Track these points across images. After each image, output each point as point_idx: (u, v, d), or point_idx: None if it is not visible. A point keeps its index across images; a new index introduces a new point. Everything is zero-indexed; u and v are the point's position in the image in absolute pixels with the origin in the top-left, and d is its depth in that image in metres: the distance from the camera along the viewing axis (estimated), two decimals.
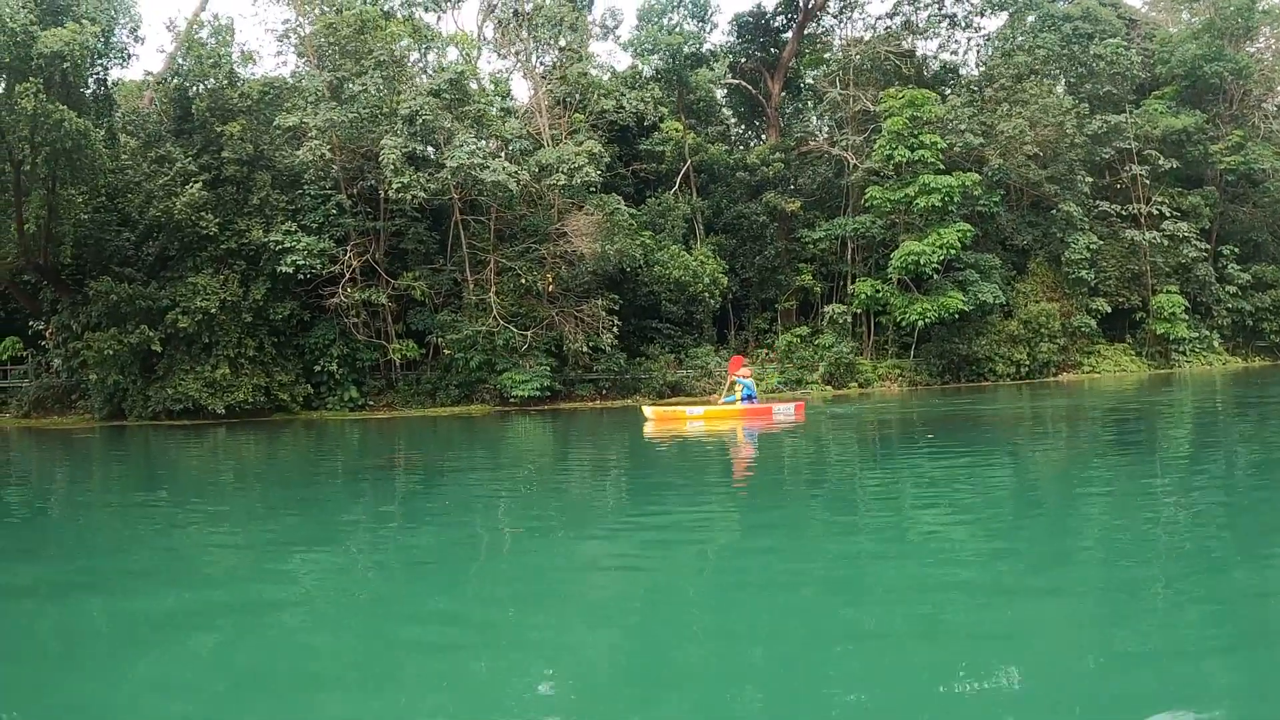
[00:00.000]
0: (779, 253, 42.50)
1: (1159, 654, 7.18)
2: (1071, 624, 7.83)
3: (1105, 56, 47.00)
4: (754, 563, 10.23)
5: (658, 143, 42.17)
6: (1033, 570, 9.68)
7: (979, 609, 8.33)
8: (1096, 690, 6.53)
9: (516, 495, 16.65)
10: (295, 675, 7.31)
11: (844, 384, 40.15)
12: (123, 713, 6.74)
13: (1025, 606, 8.34)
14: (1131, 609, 8.28)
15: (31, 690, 7.18)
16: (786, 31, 47.45)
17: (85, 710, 6.75)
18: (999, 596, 8.71)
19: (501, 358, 35.47)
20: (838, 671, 6.93)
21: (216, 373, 33.99)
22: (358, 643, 8.14)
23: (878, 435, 25.43)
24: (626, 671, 7.22)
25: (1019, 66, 44.94)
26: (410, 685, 6.98)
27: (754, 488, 16.50)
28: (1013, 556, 10.30)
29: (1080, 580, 9.25)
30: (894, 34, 47.18)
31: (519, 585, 9.95)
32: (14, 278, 37.47)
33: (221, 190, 35.30)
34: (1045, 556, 10.22)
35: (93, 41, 32.18)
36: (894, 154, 40.22)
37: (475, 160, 33.50)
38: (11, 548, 13.10)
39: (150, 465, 24.36)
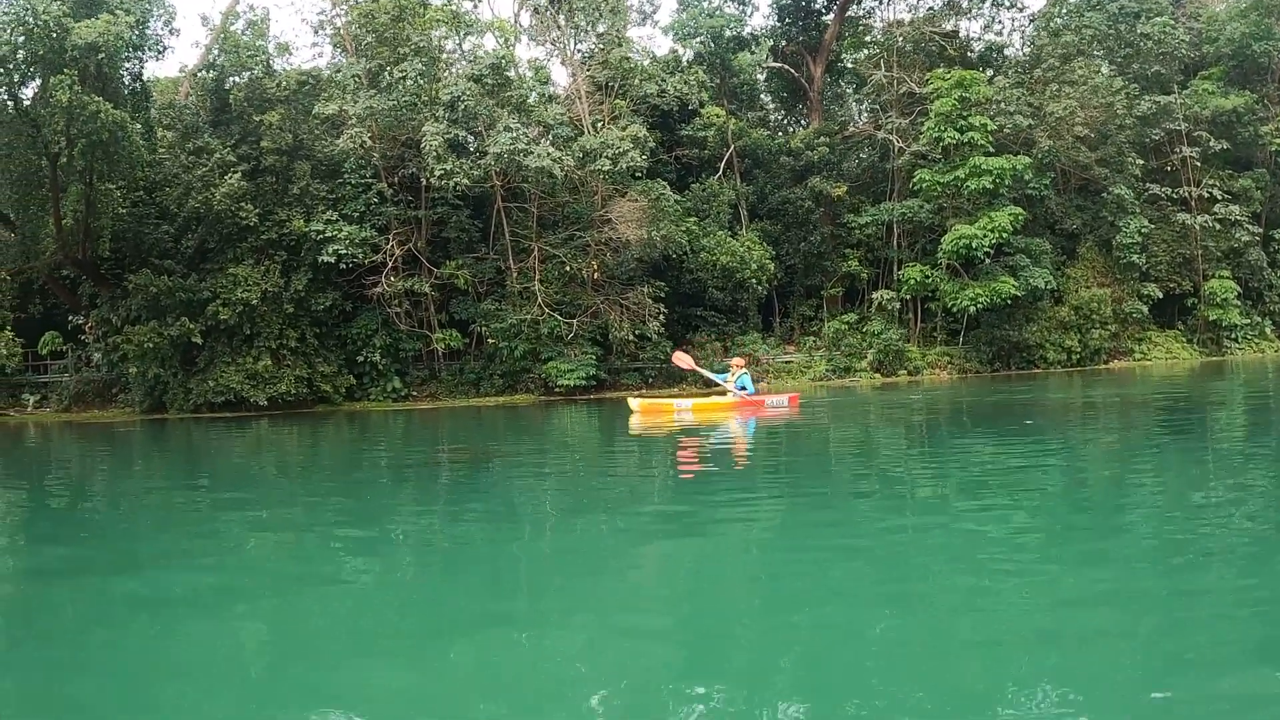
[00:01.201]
0: (824, 238, 41.32)
1: (1210, 660, 6.54)
2: (1121, 624, 7.29)
3: (1152, 35, 45.56)
4: (797, 559, 9.70)
5: (699, 128, 41.08)
6: (1082, 565, 9.01)
7: (1028, 604, 7.87)
8: (1141, 692, 6.07)
9: (563, 483, 16.01)
10: (337, 659, 7.16)
11: (893, 372, 39.07)
12: (161, 697, 6.59)
13: (1074, 602, 7.83)
14: (1181, 607, 7.64)
15: (70, 673, 7.00)
16: (828, 14, 46.27)
17: (122, 694, 6.62)
18: (1049, 591, 8.21)
19: (546, 346, 34.62)
20: (880, 670, 6.63)
21: (258, 364, 33.37)
22: (400, 627, 8.00)
23: (924, 421, 24.41)
24: (670, 656, 7.05)
25: (1066, 46, 43.67)
26: (452, 670, 6.89)
27: (797, 480, 15.55)
28: (1063, 551, 9.66)
29: (1130, 577, 8.57)
30: (937, 14, 45.97)
31: (563, 570, 9.72)
32: (52, 272, 37.22)
33: (261, 180, 34.65)
34: (1095, 552, 9.53)
35: (127, 33, 31.55)
36: (943, 136, 39.02)
37: (518, 146, 32.71)
38: (52, 535, 12.75)
39: (192, 457, 23.78)
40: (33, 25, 30.23)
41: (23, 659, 7.57)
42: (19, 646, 7.98)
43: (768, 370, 38.51)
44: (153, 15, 34.08)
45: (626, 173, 34.99)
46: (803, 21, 46.19)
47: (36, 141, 33.62)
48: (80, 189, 33.58)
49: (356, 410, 34.41)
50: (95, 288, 36.34)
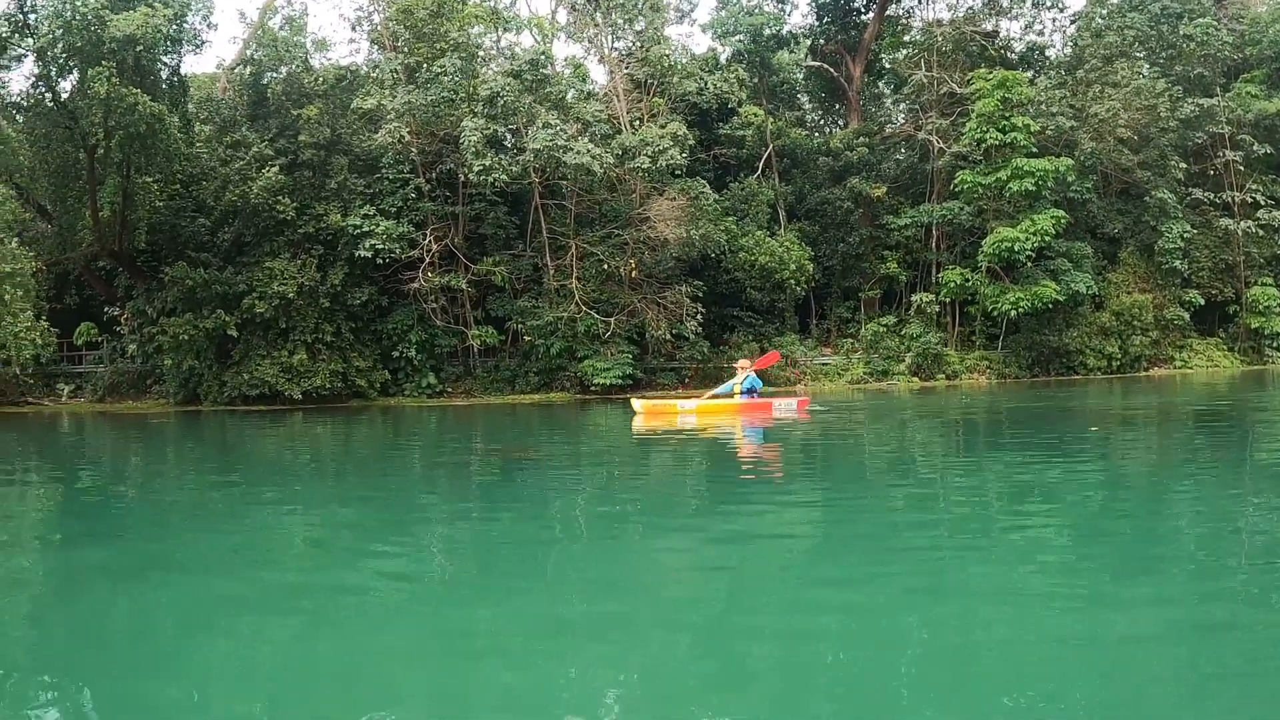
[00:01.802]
0: (863, 240, 40.70)
1: (1245, 675, 6.36)
2: (1154, 639, 7.16)
3: (1195, 37, 44.69)
4: (832, 560, 9.74)
5: (737, 127, 40.54)
6: (1117, 579, 8.78)
7: (1060, 618, 7.60)
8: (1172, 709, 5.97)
9: (597, 485, 15.57)
10: (367, 659, 7.03)
11: (931, 375, 38.45)
12: (194, 694, 6.49)
13: (1108, 617, 7.60)
14: (1218, 624, 7.37)
15: (103, 671, 6.90)
16: (867, 12, 45.65)
17: (156, 693, 6.47)
18: (1082, 606, 7.96)
19: (582, 345, 34.20)
20: (912, 679, 6.50)
21: (294, 358, 33.10)
22: (431, 630, 7.83)
23: (963, 427, 23.82)
24: (698, 667, 6.89)
25: (1109, 47, 42.88)
26: (482, 676, 6.75)
27: (832, 481, 15.19)
28: (1098, 564, 9.40)
29: (1165, 592, 8.32)
30: (977, 14, 45.24)
31: (595, 576, 9.47)
32: (89, 264, 37.19)
33: (298, 174, 34.41)
34: (1130, 566, 9.21)
35: (165, 26, 31.42)
36: (985, 137, 38.37)
37: (558, 142, 32.32)
38: (85, 529, 12.42)
39: (226, 450, 23.49)
40: (71, 17, 30.17)
41: (51, 651, 7.51)
42: (48, 640, 7.87)
43: (805, 372, 37.96)
44: (191, 9, 33.91)
45: (666, 171, 34.57)
46: (842, 20, 45.56)
47: (74, 134, 33.68)
48: (117, 181, 33.46)
49: (391, 405, 34.12)
50: (131, 279, 36.31)
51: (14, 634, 8.01)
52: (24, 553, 11.20)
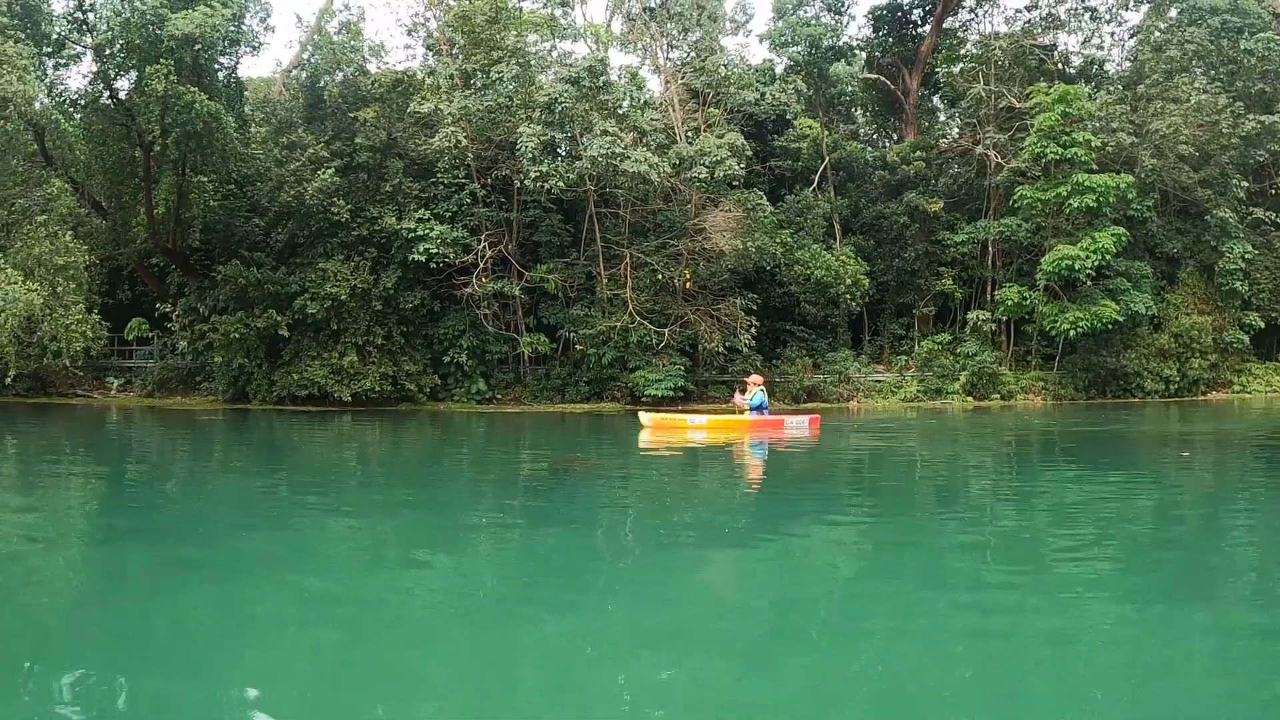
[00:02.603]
0: (918, 255, 39.82)
1: None
2: (1207, 668, 7.02)
3: (1256, 52, 43.36)
4: (879, 579, 9.61)
5: (793, 139, 39.76)
6: (1171, 606, 8.61)
7: (1112, 646, 7.47)
8: None
9: (646, 499, 15.29)
10: (404, 669, 7.00)
11: (985, 395, 37.47)
12: (230, 696, 6.48)
13: (1159, 645, 7.52)
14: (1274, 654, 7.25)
15: (140, 667, 6.93)
16: (924, 25, 44.75)
17: (191, 691, 6.49)
18: (1134, 633, 7.80)
19: (634, 355, 33.59)
20: (956, 703, 6.38)
21: (344, 360, 32.78)
22: (471, 641, 7.76)
23: (1013, 446, 23.01)
24: (744, 685, 6.78)
25: (1170, 62, 41.71)
26: (520, 693, 6.65)
27: (880, 501, 14.95)
28: (1149, 592, 9.20)
29: (1218, 621, 8.08)
30: (1035, 28, 44.20)
31: (640, 591, 9.31)
32: (142, 260, 37.10)
33: (353, 177, 34.19)
34: (1183, 593, 9.09)
35: (223, 25, 31.22)
36: (1045, 152, 37.39)
37: (615, 150, 31.71)
38: (130, 524, 12.42)
39: (274, 449, 23.36)
40: (130, 16, 30.14)
41: (90, 646, 7.51)
42: (88, 635, 7.84)
43: (858, 389, 37.10)
44: (249, 10, 33.72)
45: (723, 181, 33.87)
46: (899, 33, 44.68)
47: (131, 131, 33.68)
48: (173, 179, 33.40)
49: (440, 410, 33.71)
50: (184, 277, 36.22)
51: (55, 626, 7.99)
52: (69, 547, 11.08)
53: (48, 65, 33.35)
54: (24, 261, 29.07)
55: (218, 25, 30.79)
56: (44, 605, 8.71)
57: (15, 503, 14.48)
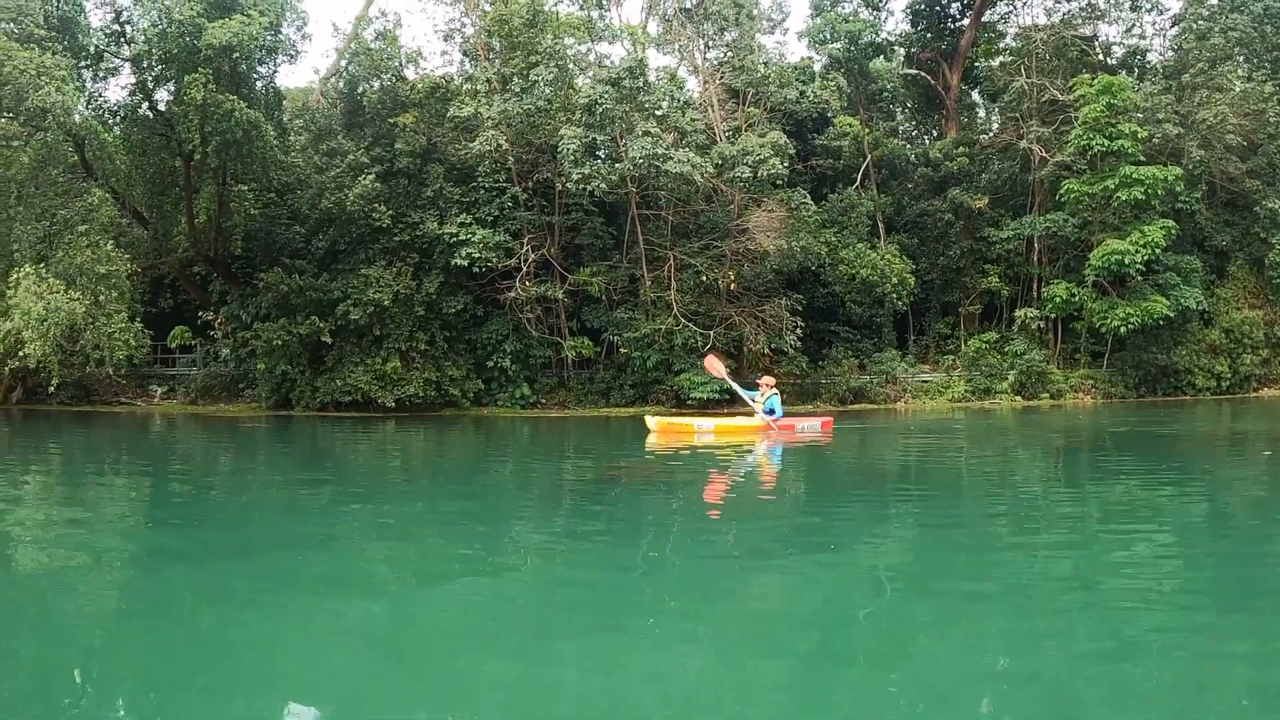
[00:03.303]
0: (963, 253, 38.83)
1: None
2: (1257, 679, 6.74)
3: None
4: (925, 586, 9.33)
5: (833, 137, 38.81)
6: (1221, 613, 8.36)
7: (1163, 655, 7.25)
8: None
9: (688, 499, 15.09)
10: (447, 680, 6.91)
11: (1034, 395, 36.45)
12: (271, 708, 6.44)
13: (1211, 654, 7.25)
14: None
15: (181, 677, 6.88)
16: (963, 18, 43.67)
17: (231, 701, 6.45)
18: (1185, 641, 7.59)
19: (679, 358, 32.90)
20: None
21: (387, 366, 32.36)
22: (507, 638, 7.73)
23: (1071, 447, 22.05)
24: (780, 692, 6.66)
25: (1214, 50, 40.42)
26: (556, 682, 6.66)
27: (927, 503, 14.54)
28: (1200, 599, 8.89)
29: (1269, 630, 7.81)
30: (1075, 18, 42.98)
31: (683, 598, 9.10)
32: (184, 268, 36.97)
33: (394, 182, 33.82)
34: (1234, 600, 8.75)
35: (261, 34, 30.93)
36: (1090, 144, 36.31)
37: (658, 151, 31.01)
38: (174, 531, 12.34)
39: (317, 456, 22.98)
40: (167, 26, 29.98)
41: (133, 654, 7.49)
42: (131, 643, 7.81)
43: (905, 390, 36.16)
44: (285, 19, 33.43)
45: (766, 181, 33.08)
46: (937, 27, 43.61)
47: (170, 141, 33.62)
48: (213, 188, 33.18)
49: (483, 415, 33.24)
50: (226, 285, 36.03)
51: (97, 635, 7.95)
52: (111, 556, 10.98)
53: (86, 77, 33.17)
54: (66, 271, 29.00)
55: (255, 34, 30.51)
56: (86, 613, 8.61)
57: (59, 509, 14.34)
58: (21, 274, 28.11)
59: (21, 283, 27.84)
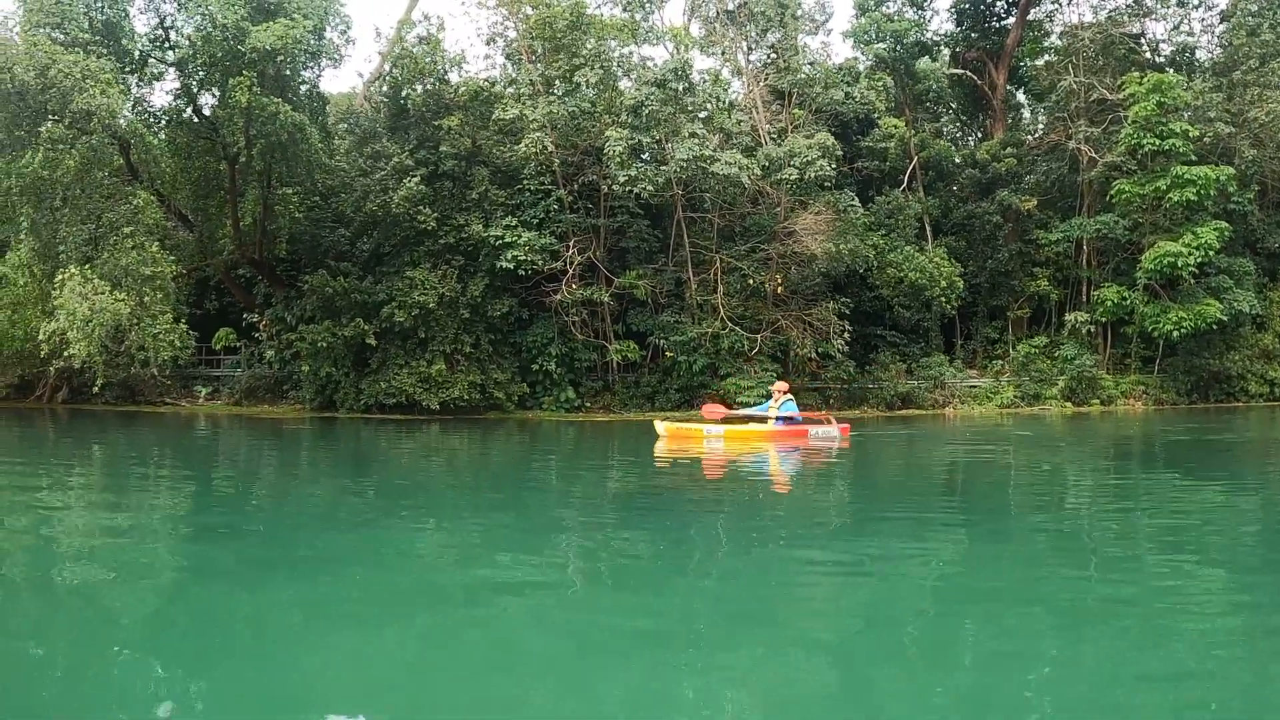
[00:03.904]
0: (1011, 256, 37.69)
1: None
2: None
3: None
4: (971, 595, 9.02)
5: (879, 139, 37.68)
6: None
7: (1215, 673, 6.88)
8: None
9: (737, 503, 14.74)
10: (486, 677, 6.79)
11: (1084, 401, 35.34)
12: (312, 697, 6.42)
13: (1271, 676, 6.87)
14: None
15: (223, 667, 6.91)
16: (1008, 17, 42.49)
17: (273, 692, 6.45)
18: (1239, 659, 7.21)
19: (725, 362, 32.12)
20: None
21: (432, 368, 31.76)
22: (552, 643, 7.59)
23: (1117, 453, 20.98)
24: (827, 696, 6.56)
25: (1264, 46, 39.06)
26: (601, 701, 6.43)
27: (971, 510, 14.13)
28: (1256, 616, 8.34)
29: None
30: (1122, 16, 41.70)
31: (730, 598, 9.01)
32: (229, 271, 36.60)
33: (439, 185, 33.18)
34: None
35: (304, 37, 30.42)
36: (1142, 143, 35.16)
37: (704, 153, 30.17)
38: (216, 532, 12.12)
39: (361, 458, 22.51)
40: (211, 30, 29.57)
41: (175, 644, 7.45)
42: (173, 633, 7.79)
43: (953, 395, 35.08)
44: (329, 23, 32.84)
45: (814, 182, 32.17)
46: (982, 26, 42.49)
47: (215, 145, 33.30)
48: (258, 192, 32.88)
49: (528, 418, 32.62)
50: (270, 287, 35.67)
51: (139, 626, 7.89)
52: (155, 552, 10.93)
53: (131, 82, 32.75)
54: (111, 272, 28.73)
55: (299, 38, 30.06)
56: (130, 614, 8.44)
57: (104, 508, 14.09)
58: (67, 275, 27.90)
59: (67, 284, 27.65)
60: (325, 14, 32.18)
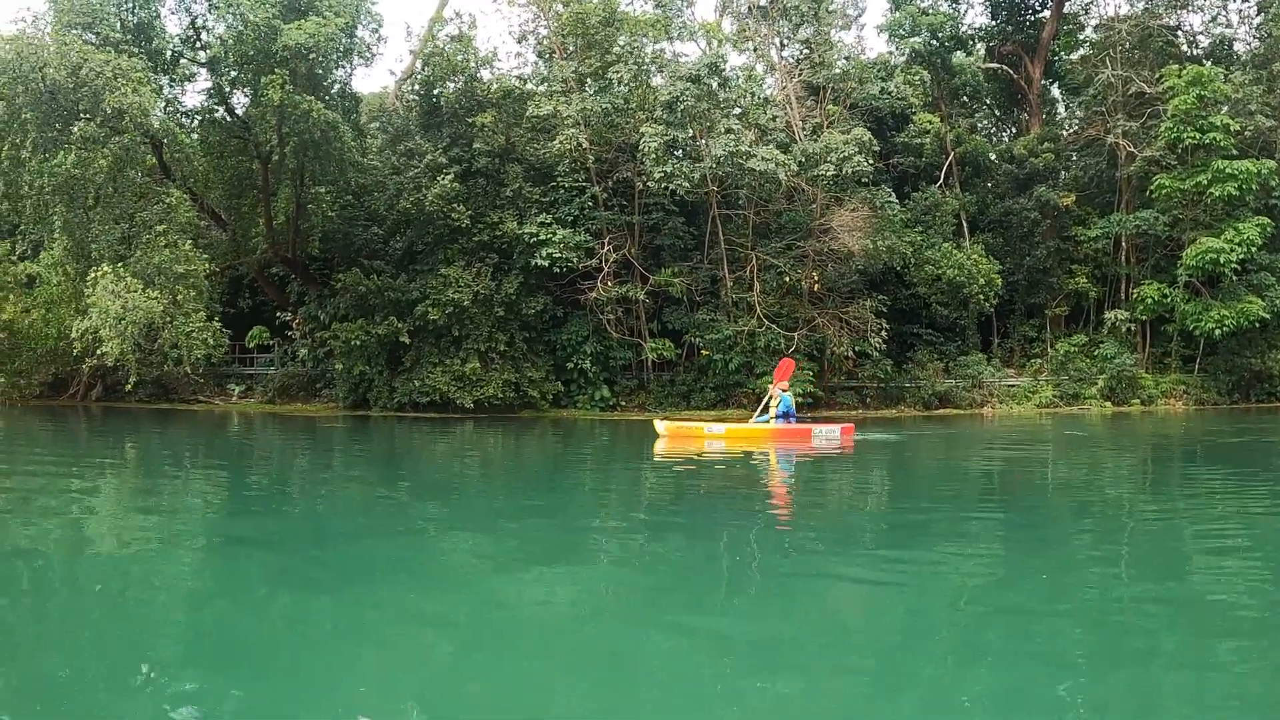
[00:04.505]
0: (1049, 253, 36.51)
1: None
2: None
3: None
4: (1008, 598, 8.71)
5: (914, 134, 36.55)
6: None
7: (1248, 681, 6.54)
8: None
9: (773, 505, 14.27)
10: (520, 681, 6.47)
11: (1124, 400, 34.22)
12: (342, 700, 6.09)
13: None
14: None
15: (254, 670, 6.66)
16: (1044, 10, 41.30)
17: (303, 694, 6.21)
18: None
19: (761, 360, 31.23)
20: None
21: (466, 367, 31.12)
22: (589, 655, 7.27)
23: (1162, 456, 19.96)
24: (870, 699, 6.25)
25: None
26: (636, 709, 6.16)
27: (1015, 511, 13.55)
28: None
29: None
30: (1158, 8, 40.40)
31: (766, 599, 8.72)
32: (263, 270, 36.17)
33: (472, 182, 32.55)
34: None
35: (336, 35, 29.88)
36: (1182, 137, 33.99)
37: (740, 149, 29.26)
38: (248, 529, 11.76)
39: (395, 456, 21.96)
40: (243, 28, 29.12)
41: (207, 646, 7.21)
42: (204, 636, 7.52)
43: (991, 395, 34.02)
44: (360, 22, 32.20)
45: (851, 178, 31.21)
46: (1017, 20, 41.29)
47: (248, 144, 32.86)
48: (291, 190, 32.36)
49: (562, 417, 31.93)
50: (304, 285, 35.24)
51: (170, 627, 7.67)
52: (187, 550, 10.70)
53: (163, 83, 32.25)
54: (144, 270, 28.27)
55: (330, 35, 29.55)
56: (165, 603, 8.37)
57: (137, 505, 13.76)
58: (100, 273, 27.48)
59: (100, 282, 27.24)
60: (356, 12, 31.62)
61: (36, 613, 8.04)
